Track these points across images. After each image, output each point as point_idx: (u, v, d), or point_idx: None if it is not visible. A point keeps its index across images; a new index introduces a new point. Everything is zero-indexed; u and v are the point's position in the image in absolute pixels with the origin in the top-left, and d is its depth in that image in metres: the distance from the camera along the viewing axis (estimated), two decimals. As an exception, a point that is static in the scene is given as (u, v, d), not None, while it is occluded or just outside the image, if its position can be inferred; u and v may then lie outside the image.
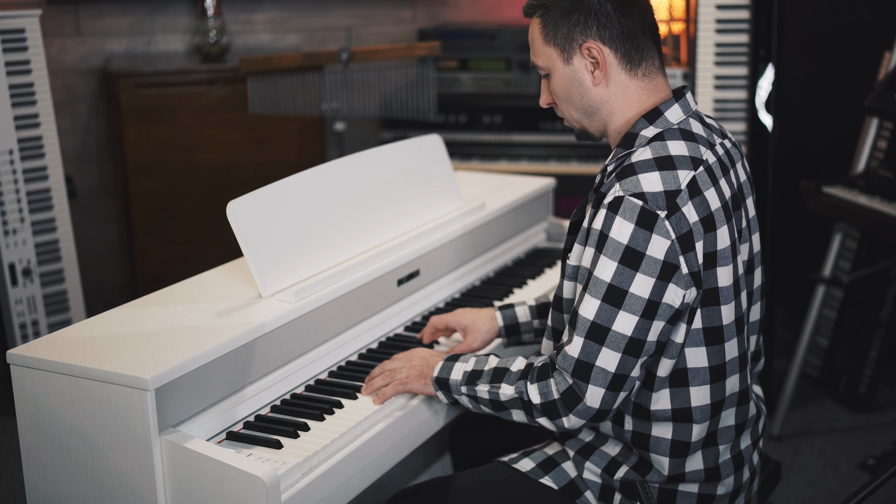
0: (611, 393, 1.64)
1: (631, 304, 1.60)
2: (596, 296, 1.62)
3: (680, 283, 1.60)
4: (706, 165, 1.66)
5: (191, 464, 1.60)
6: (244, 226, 1.90)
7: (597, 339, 1.62)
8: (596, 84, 1.73)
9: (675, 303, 1.61)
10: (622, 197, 1.60)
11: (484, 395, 1.78)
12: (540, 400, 1.70)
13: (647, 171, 1.62)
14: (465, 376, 1.82)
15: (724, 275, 1.65)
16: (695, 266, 1.61)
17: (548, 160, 4.01)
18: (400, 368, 1.89)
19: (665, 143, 1.66)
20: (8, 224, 3.23)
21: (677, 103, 1.72)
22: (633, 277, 1.59)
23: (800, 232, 4.06)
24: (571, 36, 1.71)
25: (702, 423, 1.69)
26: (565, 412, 1.67)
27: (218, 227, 3.77)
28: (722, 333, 1.67)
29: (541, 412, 1.71)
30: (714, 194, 1.65)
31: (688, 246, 1.60)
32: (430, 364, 1.88)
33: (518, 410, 1.74)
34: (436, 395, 1.86)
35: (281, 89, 3.54)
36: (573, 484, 1.80)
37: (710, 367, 1.67)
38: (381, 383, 1.88)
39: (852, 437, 3.34)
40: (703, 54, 3.46)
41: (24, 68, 3.23)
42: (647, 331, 1.61)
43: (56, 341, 1.75)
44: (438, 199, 2.42)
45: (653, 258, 1.58)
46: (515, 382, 1.74)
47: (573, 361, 1.64)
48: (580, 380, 1.64)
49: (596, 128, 1.78)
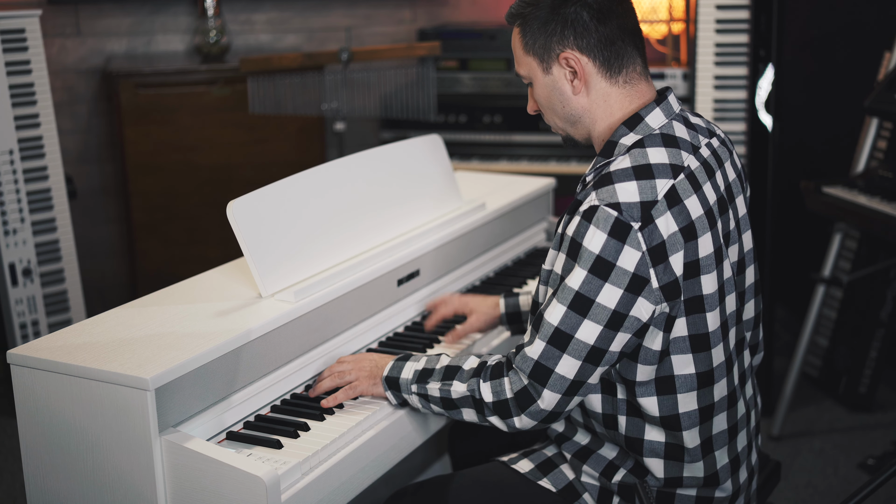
0: (566, 398, 1.65)
1: (596, 313, 1.59)
2: (563, 302, 1.61)
3: (650, 298, 1.59)
4: (687, 172, 1.65)
5: (191, 464, 1.60)
6: (244, 226, 1.90)
7: (559, 346, 1.62)
8: (576, 93, 1.72)
9: (642, 317, 1.60)
10: (597, 206, 1.59)
11: (435, 394, 1.78)
12: (492, 398, 1.70)
13: (625, 180, 1.61)
14: (416, 375, 1.82)
15: (708, 282, 1.64)
16: (667, 278, 1.59)
17: (548, 160, 4.01)
18: (349, 370, 1.89)
19: (645, 151, 1.65)
20: (8, 224, 3.23)
21: (658, 107, 1.71)
22: (601, 287, 1.58)
23: (800, 232, 4.06)
24: (549, 46, 1.71)
25: (691, 428, 1.68)
26: (517, 412, 1.68)
27: (218, 227, 3.77)
28: (708, 340, 1.66)
29: (492, 411, 1.71)
30: (696, 201, 1.63)
31: (659, 258, 1.58)
32: (380, 365, 1.88)
33: (469, 409, 1.75)
34: (385, 395, 1.86)
35: (281, 89, 3.54)
36: (571, 486, 1.79)
37: (697, 374, 1.66)
38: (330, 384, 1.89)
39: (852, 437, 3.34)
40: (703, 54, 3.46)
41: (24, 68, 3.23)
42: (611, 341, 1.61)
43: (56, 341, 1.75)
44: (438, 199, 2.42)
45: (622, 269, 1.57)
46: (468, 380, 1.74)
47: (532, 363, 1.65)
48: (537, 382, 1.65)
49: (580, 135, 1.78)
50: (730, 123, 3.45)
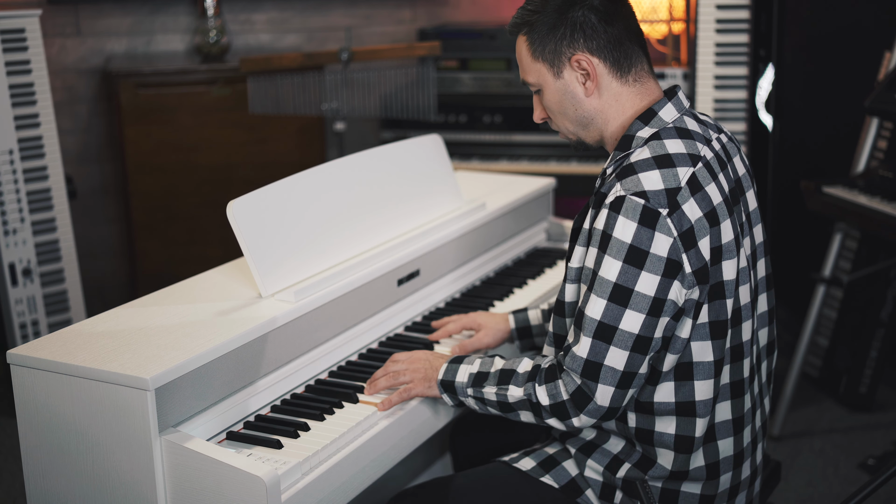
0: (620, 391, 1.65)
1: (637, 302, 1.61)
2: (602, 295, 1.63)
3: (684, 283, 1.61)
4: (704, 161, 1.68)
5: (191, 464, 1.60)
6: (244, 226, 1.90)
7: (605, 339, 1.63)
8: (588, 95, 1.75)
9: (678, 300, 1.62)
10: (624, 196, 1.61)
11: (491, 398, 1.79)
12: (549, 401, 1.70)
13: (647, 169, 1.63)
14: (471, 378, 1.82)
15: (729, 268, 1.66)
16: (698, 263, 1.62)
17: (548, 160, 4.01)
18: (404, 371, 1.88)
19: (662, 142, 1.68)
20: (8, 224, 3.23)
21: (670, 102, 1.74)
22: (638, 276, 1.60)
23: (800, 232, 4.06)
24: (559, 50, 1.73)
25: (704, 416, 1.70)
26: (575, 412, 1.68)
27: (218, 227, 3.77)
28: (727, 326, 1.68)
29: (550, 413, 1.71)
30: (715, 189, 1.67)
31: (690, 243, 1.61)
32: (434, 366, 1.88)
33: (527, 412, 1.75)
34: (440, 397, 1.86)
35: (281, 89, 3.54)
36: (574, 482, 1.80)
37: (714, 361, 1.68)
38: (385, 384, 1.88)
39: (852, 437, 3.34)
40: (703, 54, 3.46)
41: (24, 68, 3.23)
42: (654, 328, 1.62)
43: (56, 341, 1.75)
44: (439, 199, 2.42)
45: (657, 256, 1.59)
46: (524, 385, 1.74)
47: (582, 362, 1.65)
48: (589, 379, 1.65)
49: (592, 138, 1.80)
50: (730, 123, 3.45)
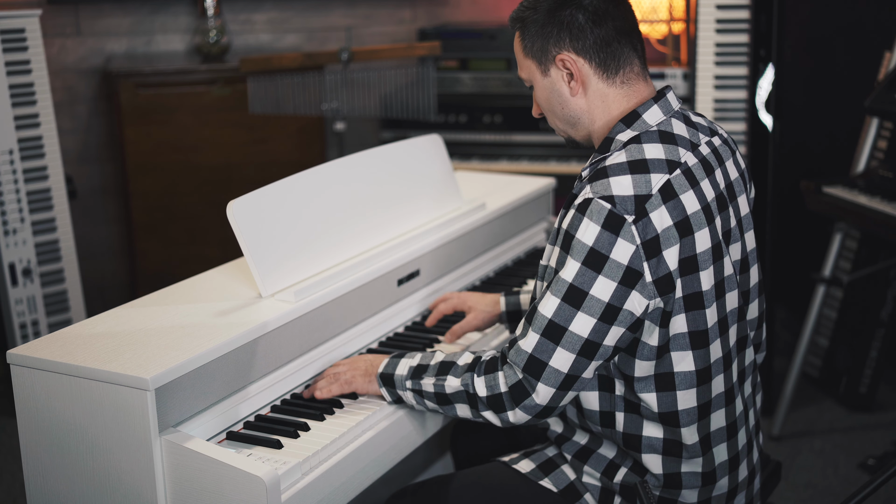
0: (560, 392, 1.65)
1: (590, 306, 1.60)
2: (556, 294, 1.62)
3: (644, 293, 1.59)
4: (684, 168, 1.66)
5: (191, 464, 1.60)
6: (244, 226, 1.90)
7: (552, 338, 1.62)
8: (574, 94, 1.74)
9: (636, 311, 1.60)
10: (591, 199, 1.61)
11: (429, 389, 1.79)
12: (486, 393, 1.70)
13: (620, 174, 1.62)
14: (411, 371, 1.82)
15: (706, 278, 1.64)
16: (660, 272, 1.59)
17: (548, 160, 4.01)
18: (344, 371, 1.90)
19: (641, 146, 1.66)
20: (8, 224, 3.23)
21: (656, 104, 1.72)
22: (594, 279, 1.59)
23: (800, 232, 4.06)
24: (546, 48, 1.73)
25: (689, 425, 1.68)
26: (511, 406, 1.68)
27: (218, 227, 3.77)
28: (707, 336, 1.66)
29: (486, 405, 1.71)
30: (692, 197, 1.64)
31: (653, 252, 1.59)
32: (375, 364, 1.89)
33: (463, 404, 1.75)
34: (380, 392, 1.87)
35: (281, 89, 3.54)
36: (573, 487, 1.80)
37: (696, 371, 1.66)
38: (325, 385, 1.89)
39: (852, 437, 3.34)
40: (703, 54, 3.46)
41: (24, 68, 3.23)
42: (605, 335, 1.61)
43: (56, 341, 1.75)
44: (438, 199, 2.42)
45: (616, 262, 1.58)
46: (462, 375, 1.75)
47: (526, 356, 1.65)
48: (531, 376, 1.65)
49: (581, 136, 1.80)
50: (730, 123, 3.45)
